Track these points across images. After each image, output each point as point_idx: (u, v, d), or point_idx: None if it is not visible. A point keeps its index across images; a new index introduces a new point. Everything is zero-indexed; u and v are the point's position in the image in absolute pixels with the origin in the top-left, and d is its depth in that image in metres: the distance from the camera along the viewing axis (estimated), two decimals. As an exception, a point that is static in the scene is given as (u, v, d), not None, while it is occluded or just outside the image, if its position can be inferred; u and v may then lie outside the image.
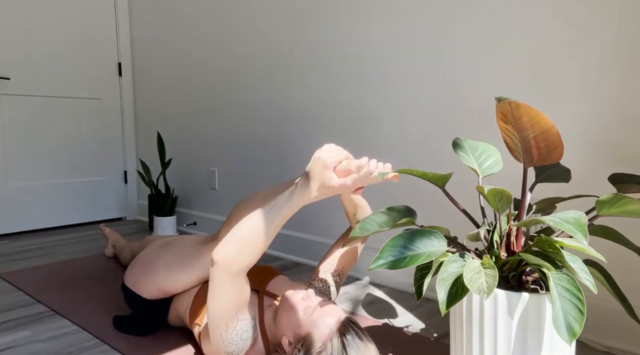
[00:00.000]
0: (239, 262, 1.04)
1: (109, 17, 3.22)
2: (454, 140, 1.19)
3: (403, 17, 1.85)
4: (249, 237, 1.04)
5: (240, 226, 1.06)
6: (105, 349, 1.37)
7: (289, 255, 2.38)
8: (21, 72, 2.84)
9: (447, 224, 1.78)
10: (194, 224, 2.96)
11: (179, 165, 3.07)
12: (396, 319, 1.62)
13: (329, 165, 1.03)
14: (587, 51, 1.42)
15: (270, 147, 2.44)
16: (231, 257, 1.03)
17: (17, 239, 2.77)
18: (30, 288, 1.88)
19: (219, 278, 1.05)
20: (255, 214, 1.06)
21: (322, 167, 1.03)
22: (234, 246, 1.04)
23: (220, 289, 1.06)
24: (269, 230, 1.05)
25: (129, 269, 1.51)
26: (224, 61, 2.65)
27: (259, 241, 1.05)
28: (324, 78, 2.15)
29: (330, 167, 1.03)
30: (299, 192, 1.05)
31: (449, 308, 0.90)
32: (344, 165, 1.04)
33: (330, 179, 1.03)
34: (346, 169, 1.04)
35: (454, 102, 1.74)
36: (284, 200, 1.06)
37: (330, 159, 1.03)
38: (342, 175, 1.05)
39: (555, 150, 0.93)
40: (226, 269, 1.04)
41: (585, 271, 0.89)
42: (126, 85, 3.33)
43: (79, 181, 3.14)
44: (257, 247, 1.05)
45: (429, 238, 1.00)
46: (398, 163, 1.92)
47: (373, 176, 1.04)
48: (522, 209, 1.02)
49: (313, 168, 1.04)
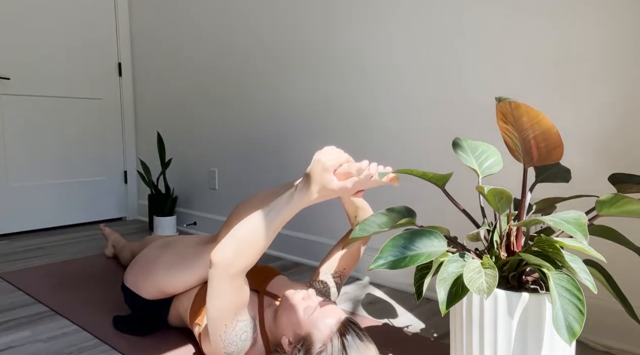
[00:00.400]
0: (237, 263, 1.04)
1: (109, 17, 3.22)
2: (454, 140, 1.19)
3: (403, 17, 1.85)
4: (247, 239, 1.04)
5: (239, 228, 1.05)
6: (105, 349, 1.37)
7: (289, 255, 2.38)
8: (21, 72, 2.84)
9: (447, 224, 1.78)
10: (194, 224, 2.96)
11: (179, 165, 3.07)
12: (396, 319, 1.62)
13: (329, 168, 1.02)
14: (587, 51, 1.42)
15: (270, 147, 2.44)
16: (229, 258, 1.03)
17: (17, 239, 2.77)
18: (30, 288, 1.88)
19: (217, 280, 1.05)
20: (254, 216, 1.06)
21: (322, 170, 1.02)
22: (233, 248, 1.03)
23: (219, 290, 1.05)
24: (268, 232, 1.05)
25: (128, 269, 1.51)
26: (224, 61, 2.65)
27: (257, 243, 1.05)
28: (325, 78, 2.15)
29: (331, 170, 1.02)
30: (299, 195, 1.05)
31: (449, 308, 0.90)
32: (344, 168, 1.04)
33: (330, 182, 1.03)
34: (346, 171, 1.04)
35: (454, 102, 1.74)
36: (284, 203, 1.06)
37: (331, 161, 1.02)
38: (343, 178, 1.04)
39: (555, 150, 0.93)
40: (225, 270, 1.03)
41: (585, 271, 0.89)
42: (126, 85, 3.33)
43: (79, 181, 3.14)
44: (255, 249, 1.05)
45: (429, 238, 1.00)
46: (398, 163, 1.92)
47: (373, 179, 1.04)
48: (522, 209, 1.02)
49: (313, 170, 1.03)
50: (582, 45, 1.43)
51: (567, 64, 1.46)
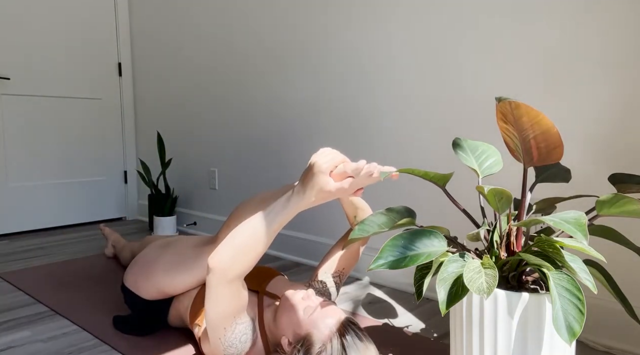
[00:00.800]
0: (235, 268, 1.03)
1: (109, 17, 3.22)
2: (454, 140, 1.19)
3: (403, 17, 1.85)
4: (245, 243, 1.03)
5: (237, 232, 1.05)
6: (105, 349, 1.37)
7: (289, 255, 2.38)
8: (21, 72, 2.84)
9: (447, 224, 1.78)
10: (194, 224, 2.96)
11: (179, 165, 3.07)
12: (396, 319, 1.62)
13: (325, 170, 1.01)
14: (588, 51, 1.42)
15: (270, 147, 2.44)
16: (227, 263, 1.03)
17: (17, 239, 2.77)
18: (30, 288, 1.88)
19: (215, 285, 1.04)
20: (251, 220, 1.05)
21: (317, 172, 1.01)
22: (230, 253, 1.03)
23: (218, 295, 1.05)
24: (265, 236, 1.04)
25: (128, 269, 1.51)
26: (224, 61, 2.65)
27: (255, 247, 1.04)
28: (325, 78, 2.15)
29: (326, 172, 1.01)
30: (296, 198, 1.04)
31: (449, 308, 0.90)
32: (340, 168, 1.02)
33: (327, 184, 1.01)
34: (342, 171, 1.02)
35: (454, 102, 1.74)
36: (281, 207, 1.05)
37: (326, 163, 1.01)
38: (339, 178, 1.03)
39: (555, 150, 0.93)
40: (222, 275, 1.03)
41: (585, 271, 0.89)
42: (126, 85, 3.33)
43: (79, 181, 3.14)
44: (253, 253, 1.04)
45: (429, 238, 1.00)
46: (398, 163, 1.92)
47: (374, 176, 1.03)
48: (522, 209, 1.02)
49: (309, 173, 1.02)
50: (582, 45, 1.43)
51: (567, 63, 1.46)
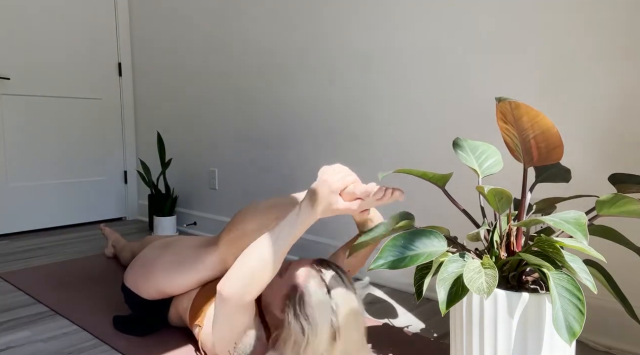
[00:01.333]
0: (249, 293, 1.06)
1: (109, 17, 3.22)
2: (454, 140, 1.19)
3: (403, 17, 1.85)
4: (257, 269, 1.05)
5: (246, 260, 1.06)
6: (105, 349, 1.37)
7: (289, 255, 2.38)
8: (21, 72, 2.84)
9: (447, 224, 1.78)
10: (194, 224, 2.96)
11: (179, 165, 3.07)
12: (396, 319, 1.62)
13: (336, 190, 1.03)
14: (588, 51, 1.42)
15: (270, 147, 2.44)
16: (242, 290, 1.05)
17: (17, 239, 2.77)
18: (30, 288, 1.88)
19: (229, 309, 1.08)
20: (260, 245, 1.06)
21: (328, 192, 1.02)
22: (242, 282, 1.05)
23: (231, 317, 1.09)
24: (275, 261, 1.06)
25: (128, 269, 1.51)
26: (224, 61, 2.65)
27: (267, 270, 1.06)
28: (325, 78, 2.15)
29: (337, 192, 1.03)
30: (304, 215, 1.05)
31: (449, 308, 0.90)
32: (350, 189, 1.04)
33: (335, 203, 1.03)
34: (352, 192, 1.04)
35: (454, 102, 1.74)
36: (289, 227, 1.06)
37: (337, 184, 1.02)
38: (348, 198, 1.05)
39: (555, 150, 0.93)
40: (239, 301, 1.06)
41: (585, 271, 0.89)
42: (126, 85, 3.33)
43: (79, 181, 3.14)
44: (266, 276, 1.06)
45: (429, 238, 1.00)
46: (398, 163, 1.92)
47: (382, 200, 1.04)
48: (522, 209, 1.02)
49: (319, 191, 1.03)
50: (582, 45, 1.43)
51: (567, 63, 1.46)
